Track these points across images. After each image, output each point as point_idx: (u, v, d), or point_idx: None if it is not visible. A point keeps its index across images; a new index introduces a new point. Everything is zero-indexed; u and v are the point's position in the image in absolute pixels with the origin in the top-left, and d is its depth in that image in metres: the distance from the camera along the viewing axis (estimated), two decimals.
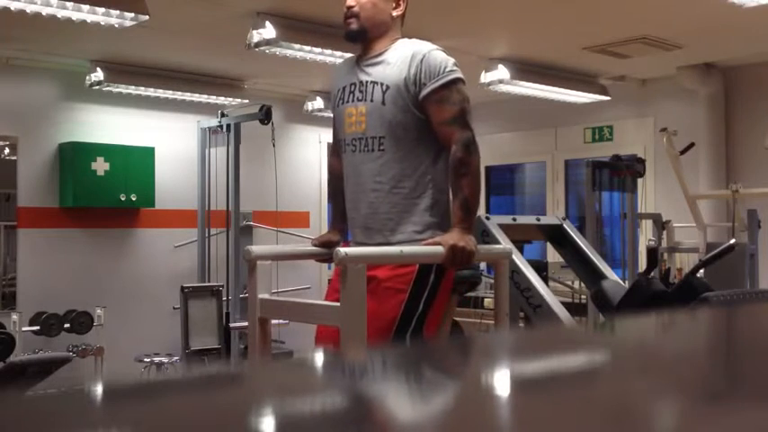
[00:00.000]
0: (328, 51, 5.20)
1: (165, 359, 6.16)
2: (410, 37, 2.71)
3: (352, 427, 0.62)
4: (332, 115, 2.82)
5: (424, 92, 2.54)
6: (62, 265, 6.26)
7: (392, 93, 2.56)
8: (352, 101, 2.66)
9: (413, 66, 2.55)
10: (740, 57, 6.36)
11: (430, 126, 2.58)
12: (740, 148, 6.59)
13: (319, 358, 1.06)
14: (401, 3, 2.67)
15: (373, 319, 2.40)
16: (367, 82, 2.62)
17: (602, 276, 4.50)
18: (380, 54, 2.64)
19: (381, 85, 2.59)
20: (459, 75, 2.58)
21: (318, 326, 2.76)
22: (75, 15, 4.41)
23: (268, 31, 4.91)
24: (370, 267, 2.46)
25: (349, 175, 2.70)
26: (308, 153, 7.67)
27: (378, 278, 2.51)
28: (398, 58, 2.59)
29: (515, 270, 4.18)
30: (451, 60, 2.60)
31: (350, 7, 2.64)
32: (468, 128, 2.55)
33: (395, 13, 2.65)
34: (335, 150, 2.85)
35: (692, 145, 5.95)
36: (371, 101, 2.59)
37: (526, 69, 6.34)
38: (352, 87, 2.67)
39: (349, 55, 2.90)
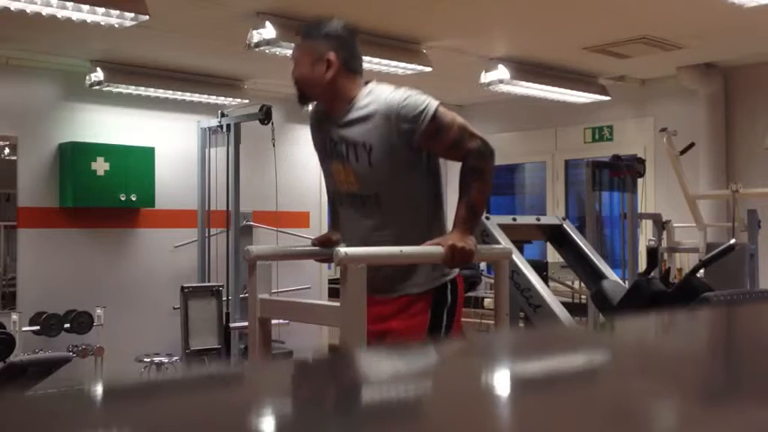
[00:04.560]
0: None
1: (165, 359, 6.16)
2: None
3: (351, 427, 0.62)
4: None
5: (418, 135, 2.47)
6: (62, 265, 6.26)
7: (378, 153, 2.50)
8: (337, 158, 2.60)
9: (392, 121, 2.47)
10: (740, 57, 6.36)
11: (428, 160, 2.54)
12: (740, 148, 6.59)
13: (318, 359, 1.06)
14: (331, 64, 2.55)
15: None
16: (347, 141, 2.55)
17: (602, 276, 4.51)
18: (348, 111, 2.56)
19: (363, 145, 2.51)
20: (435, 102, 2.50)
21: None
22: (76, 15, 4.41)
23: (268, 31, 4.91)
24: (383, 320, 2.48)
25: (350, 229, 2.65)
26: (308, 153, 7.61)
27: (393, 331, 2.51)
28: (373, 114, 2.51)
29: (515, 270, 4.18)
30: (421, 94, 2.52)
31: (293, 80, 2.63)
32: (475, 137, 2.51)
33: (329, 75, 2.55)
34: None
35: (692, 145, 5.95)
36: (357, 161, 2.54)
37: (526, 69, 6.34)
38: (332, 144, 2.61)
39: None
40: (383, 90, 2.56)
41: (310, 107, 2.75)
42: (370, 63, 5.48)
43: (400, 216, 2.55)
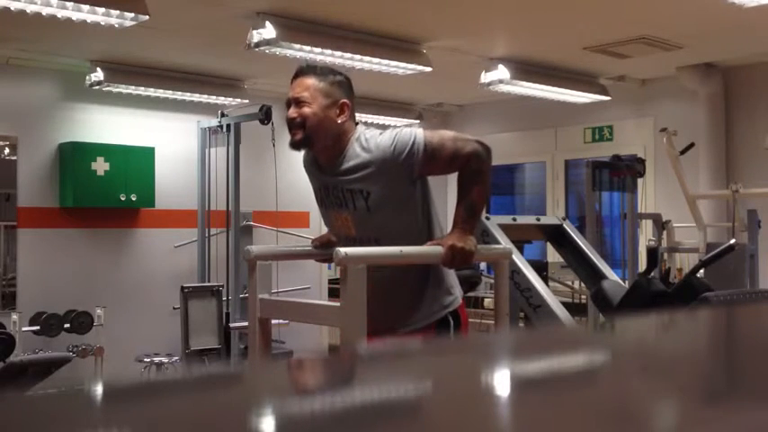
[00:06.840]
0: (328, 51, 5.20)
1: (165, 359, 6.16)
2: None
3: (352, 427, 0.62)
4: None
5: (417, 167, 2.46)
6: (62, 265, 6.26)
7: (375, 197, 2.49)
8: (333, 207, 2.60)
9: (388, 164, 2.46)
10: (740, 57, 6.36)
11: (422, 186, 2.54)
12: (740, 148, 6.59)
13: (317, 359, 1.06)
14: (345, 109, 2.54)
15: None
16: (345, 189, 2.54)
17: (602, 276, 4.51)
18: (343, 158, 2.54)
19: (361, 192, 2.50)
20: (419, 130, 2.51)
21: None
22: (76, 15, 4.41)
23: (268, 31, 4.91)
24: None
25: None
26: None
27: None
28: (368, 161, 2.49)
29: (515, 270, 4.18)
30: (403, 129, 2.53)
31: (292, 119, 2.55)
32: (470, 141, 2.51)
33: (341, 120, 2.54)
34: None
35: (692, 145, 5.96)
36: (355, 209, 2.53)
37: (526, 69, 6.34)
38: (327, 192, 2.60)
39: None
40: (372, 136, 2.54)
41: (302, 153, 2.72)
42: (370, 63, 5.49)
43: None
